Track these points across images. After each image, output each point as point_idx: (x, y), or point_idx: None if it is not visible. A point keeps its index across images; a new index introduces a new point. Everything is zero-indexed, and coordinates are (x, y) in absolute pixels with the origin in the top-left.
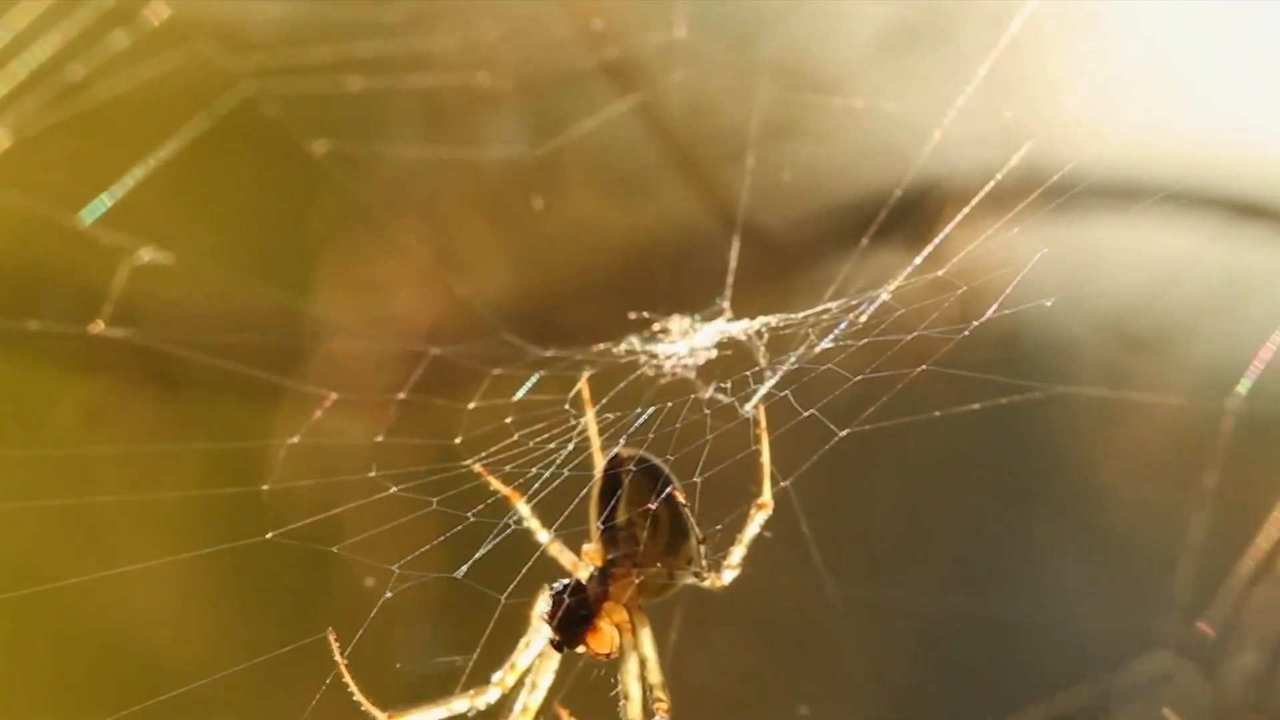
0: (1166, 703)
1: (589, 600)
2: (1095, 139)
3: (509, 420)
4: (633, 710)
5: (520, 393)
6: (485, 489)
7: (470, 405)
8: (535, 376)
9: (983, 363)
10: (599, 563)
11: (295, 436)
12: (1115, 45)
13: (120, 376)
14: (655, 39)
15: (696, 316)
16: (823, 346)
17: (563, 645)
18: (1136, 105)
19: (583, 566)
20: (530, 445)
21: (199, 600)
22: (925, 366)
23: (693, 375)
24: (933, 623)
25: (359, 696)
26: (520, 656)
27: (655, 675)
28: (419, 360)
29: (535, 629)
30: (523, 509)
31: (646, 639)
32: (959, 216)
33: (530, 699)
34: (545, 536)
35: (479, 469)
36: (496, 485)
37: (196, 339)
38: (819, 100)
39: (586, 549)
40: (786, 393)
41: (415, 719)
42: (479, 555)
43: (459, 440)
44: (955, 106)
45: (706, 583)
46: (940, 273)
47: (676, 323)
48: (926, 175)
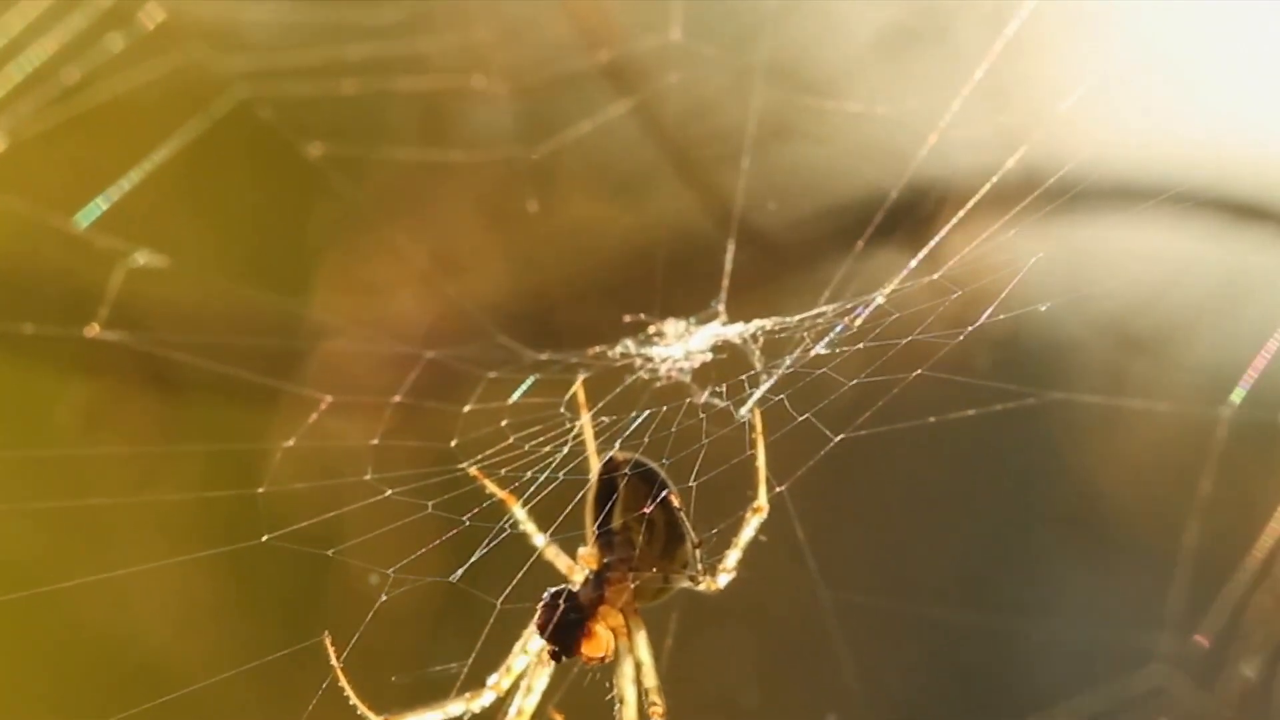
0: (1163, 715)
1: (582, 606)
2: (1094, 140)
3: (505, 423)
4: (628, 714)
5: (516, 396)
6: (481, 492)
7: (466, 408)
8: (531, 380)
9: (980, 365)
10: (595, 566)
11: (291, 440)
12: (1114, 45)
13: (118, 378)
14: (651, 41)
15: (692, 319)
16: (818, 351)
17: (559, 655)
18: (1135, 106)
19: (578, 570)
20: (526, 449)
21: (197, 602)
22: (920, 371)
23: (688, 379)
24: (927, 632)
25: (355, 700)
26: (515, 660)
27: (651, 679)
28: (414, 363)
29: (531, 632)
30: (519, 512)
31: (642, 643)
32: (955, 219)
33: (525, 702)
34: (541, 540)
35: (475, 472)
36: (492, 488)
37: (192, 341)
38: (816, 103)
39: (582, 553)
40: (782, 397)
41: None
42: (474, 559)
43: (455, 443)
44: (952, 109)
45: (702, 586)
46: (935, 276)
47: (672, 326)
48: (924, 176)
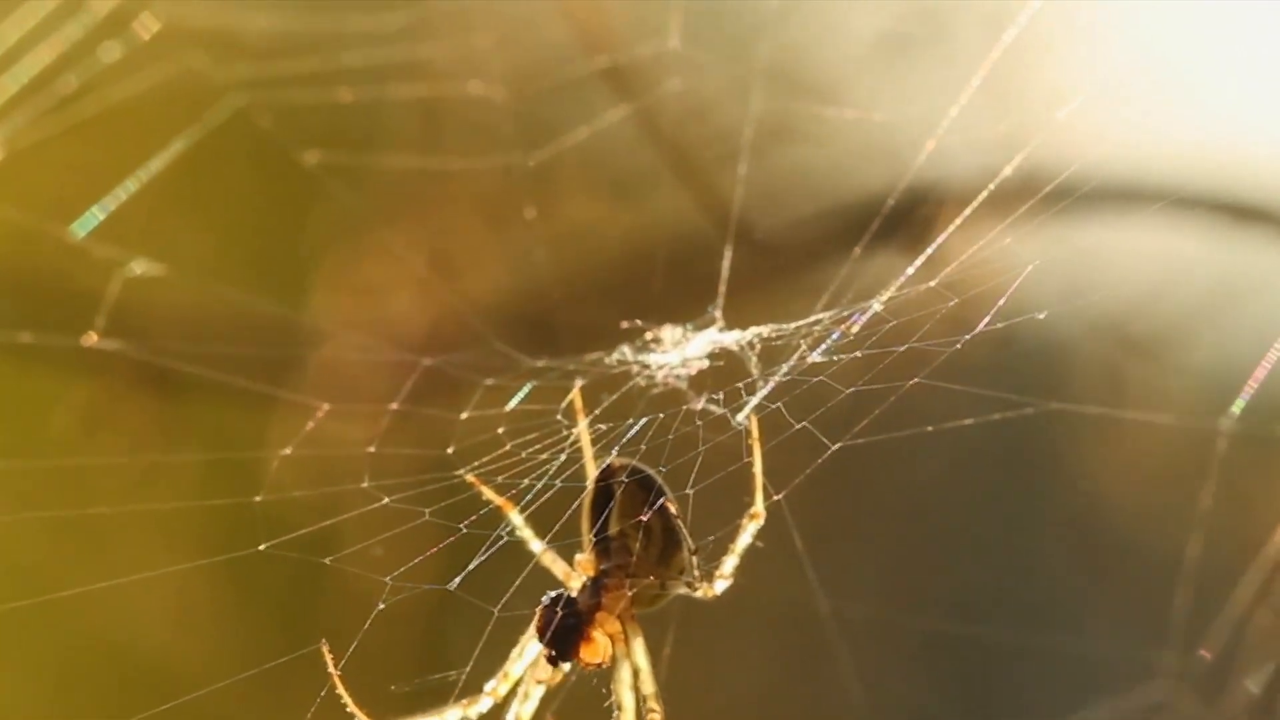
0: None
1: (580, 612)
2: (1093, 143)
3: (501, 430)
4: None
5: (513, 403)
6: (478, 499)
7: (463, 415)
8: (528, 386)
9: (978, 369)
10: (592, 573)
11: (288, 448)
12: (1113, 49)
13: (117, 383)
14: (649, 45)
15: (689, 326)
16: (814, 358)
17: (557, 660)
18: (1134, 109)
19: (575, 577)
20: (523, 455)
21: (196, 609)
22: (918, 379)
23: (684, 386)
24: (927, 644)
25: (353, 708)
26: (513, 666)
27: (648, 685)
28: (412, 370)
29: (529, 638)
30: (515, 519)
31: (639, 649)
32: (952, 226)
33: (523, 709)
34: (538, 547)
35: (472, 479)
36: (489, 495)
37: (190, 349)
38: (816, 109)
39: (579, 559)
40: (779, 405)
41: None
42: (472, 566)
43: (451, 450)
44: (950, 115)
45: (699, 593)
46: (933, 283)
47: (669, 332)
48: (923, 180)
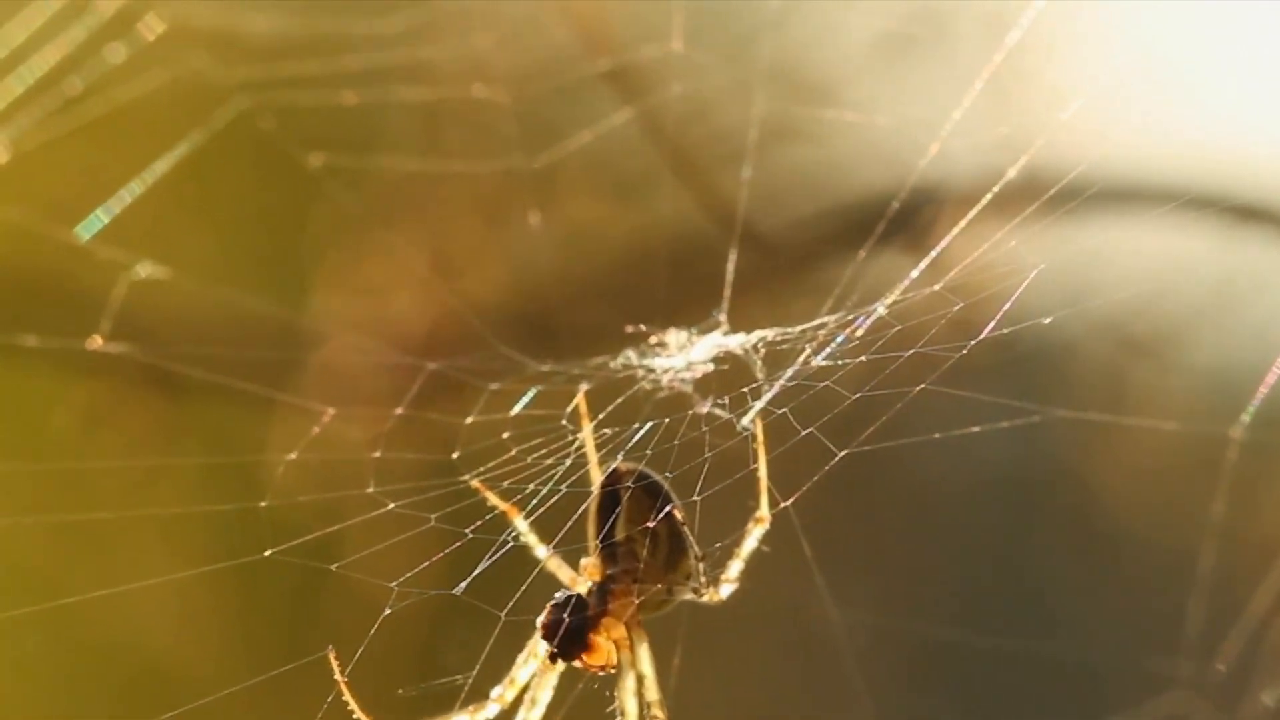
0: None
1: (587, 616)
2: (1097, 145)
3: (506, 435)
4: None
5: (517, 408)
6: (483, 505)
7: (468, 420)
8: (532, 391)
9: (984, 374)
10: (597, 578)
11: (293, 453)
12: (1115, 50)
13: (120, 385)
14: (652, 47)
15: (694, 330)
16: (818, 363)
17: (558, 657)
18: (1137, 110)
19: (581, 583)
20: (528, 460)
21: (200, 615)
22: (924, 385)
23: (690, 390)
24: (937, 653)
25: (359, 714)
26: (520, 671)
27: (653, 692)
28: (417, 374)
29: (534, 643)
30: (521, 525)
31: (644, 655)
32: (956, 229)
33: (530, 715)
34: (543, 552)
35: (477, 485)
36: (495, 501)
37: (194, 352)
38: (817, 111)
39: (585, 564)
40: (785, 410)
41: None
42: (477, 572)
43: (457, 455)
44: (952, 117)
45: (705, 598)
46: (937, 287)
47: (674, 336)
48: (926, 182)
